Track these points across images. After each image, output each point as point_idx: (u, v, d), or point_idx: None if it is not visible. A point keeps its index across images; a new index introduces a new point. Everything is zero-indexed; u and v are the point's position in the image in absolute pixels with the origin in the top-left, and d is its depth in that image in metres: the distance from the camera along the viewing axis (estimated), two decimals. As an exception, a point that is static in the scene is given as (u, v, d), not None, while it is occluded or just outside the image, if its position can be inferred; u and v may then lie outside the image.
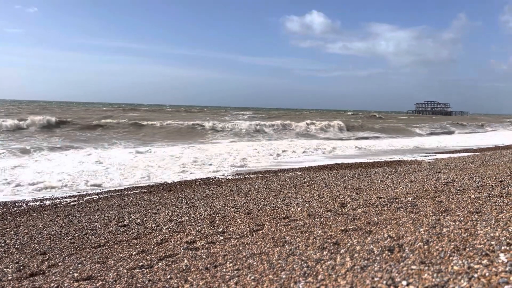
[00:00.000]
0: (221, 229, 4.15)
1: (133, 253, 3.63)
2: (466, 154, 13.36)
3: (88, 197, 7.63)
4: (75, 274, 3.14)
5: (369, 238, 3.13)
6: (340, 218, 4.06)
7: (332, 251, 2.95)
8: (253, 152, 15.74)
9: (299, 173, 9.67)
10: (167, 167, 11.68)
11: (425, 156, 13.83)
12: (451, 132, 39.57)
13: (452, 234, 2.91)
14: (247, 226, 4.18)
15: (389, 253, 2.68)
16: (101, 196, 7.78)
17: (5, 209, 6.66)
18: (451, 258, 2.41)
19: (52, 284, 2.93)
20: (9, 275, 3.29)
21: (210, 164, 12.36)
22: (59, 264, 3.53)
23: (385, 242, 2.95)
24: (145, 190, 8.23)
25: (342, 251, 2.91)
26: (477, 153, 13.10)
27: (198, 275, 2.83)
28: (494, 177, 5.52)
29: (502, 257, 2.30)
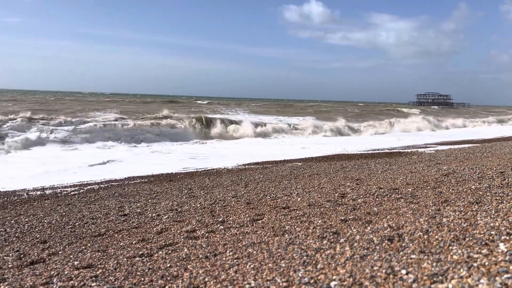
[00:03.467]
0: (221, 219, 4.16)
1: (133, 242, 3.64)
2: (467, 145, 13.34)
3: (89, 187, 7.65)
4: (76, 262, 3.15)
5: (368, 228, 3.14)
6: (340, 208, 4.06)
7: (332, 240, 2.95)
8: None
9: (300, 163, 9.67)
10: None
11: (426, 147, 13.81)
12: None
13: (452, 224, 2.91)
14: (247, 215, 4.19)
15: (388, 243, 2.68)
16: (101, 185, 7.80)
17: (5, 198, 6.67)
18: (450, 247, 2.41)
19: (53, 272, 2.94)
20: (9, 263, 3.30)
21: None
22: (60, 252, 3.54)
23: (385, 231, 2.95)
24: (145, 180, 8.25)
25: (342, 240, 2.91)
26: (478, 145, 13.08)
27: (198, 264, 2.84)
28: (494, 168, 5.51)
29: (502, 246, 2.30)
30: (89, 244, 3.71)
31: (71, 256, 3.36)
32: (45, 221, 4.82)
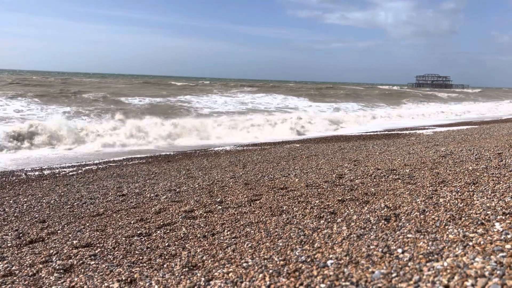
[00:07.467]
0: (219, 199, 4.17)
1: (132, 222, 3.65)
2: (465, 127, 13.34)
3: (87, 167, 7.65)
4: (74, 241, 3.17)
5: (366, 208, 3.15)
6: (337, 188, 4.07)
7: (329, 220, 2.97)
8: None
9: (298, 145, 9.67)
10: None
11: (424, 128, 13.81)
12: None
13: (448, 204, 2.93)
14: (245, 196, 4.20)
15: (385, 222, 2.70)
16: (99, 166, 7.80)
17: (4, 179, 6.68)
18: (446, 227, 2.43)
19: (52, 251, 2.96)
20: (8, 242, 3.32)
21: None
22: (59, 231, 3.56)
23: (382, 211, 2.97)
24: (143, 161, 8.25)
25: (339, 220, 2.93)
26: (476, 126, 13.08)
27: (196, 243, 2.86)
28: (492, 150, 5.52)
29: (498, 226, 2.31)
30: (87, 224, 3.73)
31: (70, 236, 3.38)
32: (44, 201, 4.83)
